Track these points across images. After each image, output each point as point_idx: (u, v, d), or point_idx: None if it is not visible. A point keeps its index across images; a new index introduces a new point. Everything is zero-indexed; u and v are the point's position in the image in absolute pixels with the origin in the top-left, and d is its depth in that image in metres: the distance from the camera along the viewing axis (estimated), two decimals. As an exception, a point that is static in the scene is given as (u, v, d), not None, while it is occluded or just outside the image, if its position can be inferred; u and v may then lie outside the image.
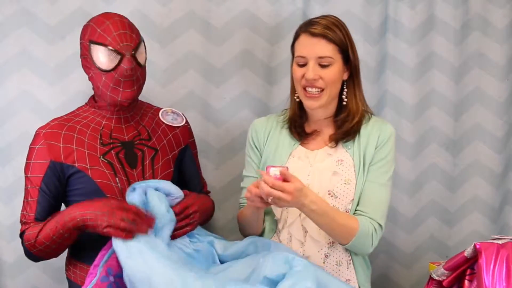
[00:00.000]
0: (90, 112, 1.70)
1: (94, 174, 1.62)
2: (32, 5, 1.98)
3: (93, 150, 1.64)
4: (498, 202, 2.33)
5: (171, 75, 2.09)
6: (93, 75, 1.63)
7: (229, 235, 2.14)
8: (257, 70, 2.14)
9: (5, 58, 1.98)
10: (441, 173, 2.28)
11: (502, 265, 1.32)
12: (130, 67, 1.58)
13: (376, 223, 1.63)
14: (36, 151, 1.62)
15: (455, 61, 2.26)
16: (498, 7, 2.27)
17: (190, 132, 1.86)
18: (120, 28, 1.60)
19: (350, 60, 1.67)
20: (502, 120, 2.30)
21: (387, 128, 1.71)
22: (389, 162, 1.69)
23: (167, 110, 1.83)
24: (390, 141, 1.70)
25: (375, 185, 1.66)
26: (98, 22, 1.62)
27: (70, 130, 1.65)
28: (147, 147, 1.71)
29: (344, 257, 1.68)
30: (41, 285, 2.04)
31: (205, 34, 2.10)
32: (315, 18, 1.68)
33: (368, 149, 1.68)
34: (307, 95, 1.65)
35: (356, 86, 1.70)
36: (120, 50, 1.58)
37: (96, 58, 1.59)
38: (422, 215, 2.28)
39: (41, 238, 1.55)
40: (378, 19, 2.19)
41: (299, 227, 1.67)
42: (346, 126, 1.69)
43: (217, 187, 2.13)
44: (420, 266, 2.27)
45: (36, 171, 1.62)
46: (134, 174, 1.66)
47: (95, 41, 1.59)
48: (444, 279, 1.45)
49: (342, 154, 1.70)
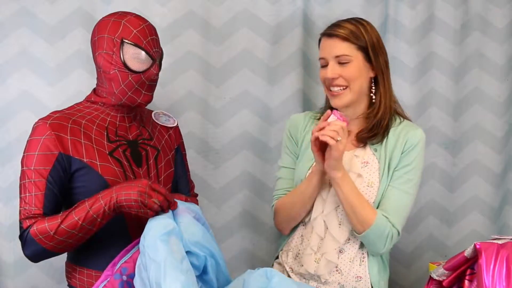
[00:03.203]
0: (93, 108, 1.68)
1: (103, 171, 1.59)
2: (32, 5, 1.98)
3: (101, 146, 1.62)
4: (497, 202, 2.33)
5: (170, 75, 2.09)
6: (116, 72, 1.60)
7: (229, 236, 2.14)
8: (257, 70, 2.14)
9: (5, 58, 1.97)
10: (441, 172, 2.28)
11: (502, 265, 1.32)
12: (157, 73, 1.63)
13: (394, 229, 1.64)
14: (42, 141, 1.56)
15: (455, 61, 2.27)
16: (498, 7, 2.28)
17: (180, 134, 1.87)
18: (153, 34, 1.63)
19: (370, 58, 1.68)
20: (502, 120, 2.30)
21: (416, 134, 1.70)
22: (414, 169, 1.68)
23: (158, 112, 1.84)
24: (418, 147, 1.69)
25: (398, 191, 1.66)
26: (133, 23, 1.61)
27: (75, 124, 1.62)
28: (150, 146, 1.71)
29: (358, 254, 1.70)
30: (41, 285, 2.03)
31: (205, 34, 2.10)
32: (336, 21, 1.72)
33: (395, 153, 1.68)
34: (331, 94, 1.69)
35: (382, 83, 1.71)
36: (153, 55, 1.61)
37: (128, 58, 1.59)
38: (422, 215, 2.29)
39: (65, 227, 1.48)
40: (378, 19, 2.19)
41: (321, 223, 1.70)
42: (371, 122, 1.70)
43: (216, 187, 2.13)
44: (420, 266, 2.28)
45: (42, 163, 1.55)
46: (140, 172, 1.66)
47: (130, 41, 1.59)
48: (444, 279, 1.45)
49: (368, 156, 1.71)
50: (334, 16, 1.82)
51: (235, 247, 2.17)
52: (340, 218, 1.69)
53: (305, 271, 1.72)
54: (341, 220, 1.69)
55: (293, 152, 1.82)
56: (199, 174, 2.11)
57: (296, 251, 1.76)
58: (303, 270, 1.72)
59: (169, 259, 1.34)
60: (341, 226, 1.69)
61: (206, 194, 2.12)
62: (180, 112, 2.09)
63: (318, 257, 1.70)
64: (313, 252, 1.70)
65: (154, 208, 1.45)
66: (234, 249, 2.16)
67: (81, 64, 1.99)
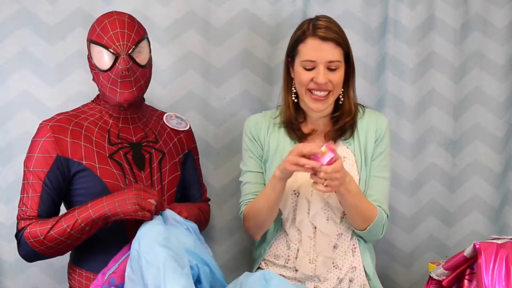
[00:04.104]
0: (97, 110, 1.67)
1: (102, 173, 1.58)
2: (32, 5, 1.98)
3: (102, 148, 1.61)
4: (497, 202, 2.33)
5: (171, 75, 2.09)
6: (94, 75, 1.62)
7: (229, 236, 2.14)
8: (257, 70, 2.14)
9: (5, 58, 1.98)
10: (441, 173, 2.28)
11: (502, 265, 1.32)
12: (125, 67, 1.55)
13: (385, 214, 1.71)
14: (41, 143, 1.57)
15: (455, 61, 2.26)
16: (498, 7, 2.27)
17: (193, 138, 1.86)
18: (118, 27, 1.58)
19: (349, 62, 1.69)
20: (502, 120, 2.30)
21: (383, 121, 1.77)
22: (387, 153, 1.76)
23: (171, 114, 1.82)
24: (387, 134, 1.76)
25: (379, 179, 1.73)
26: (98, 21, 1.61)
27: (77, 126, 1.62)
28: (154, 149, 1.69)
29: (349, 245, 1.73)
30: (41, 285, 2.03)
31: (205, 34, 2.10)
32: (317, 20, 1.68)
33: (368, 144, 1.72)
34: (313, 97, 1.66)
35: (351, 85, 1.74)
36: (115, 49, 1.56)
37: (95, 58, 1.59)
38: (422, 215, 2.28)
39: (54, 234, 1.49)
40: (377, 19, 2.19)
41: (308, 224, 1.69)
42: (340, 124, 1.72)
43: (217, 187, 2.13)
44: (420, 266, 2.27)
45: (40, 165, 1.57)
46: (142, 176, 1.64)
47: (94, 40, 1.59)
48: (444, 278, 1.45)
49: (343, 151, 1.72)
50: (334, 16, 1.81)
51: (235, 247, 2.16)
52: (327, 214, 1.69)
53: (301, 274, 1.70)
54: (328, 215, 1.70)
55: (256, 155, 1.79)
56: (199, 174, 2.11)
57: (285, 258, 1.74)
58: (299, 275, 1.70)
59: (169, 262, 1.34)
60: (329, 221, 1.69)
61: (206, 194, 2.12)
62: (180, 112, 2.08)
63: (313, 257, 1.69)
64: (306, 254, 1.70)
65: (152, 208, 1.45)
66: (234, 249, 2.16)
67: (81, 64, 1.99)
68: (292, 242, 1.72)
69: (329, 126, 1.75)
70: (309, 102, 1.68)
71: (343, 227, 1.72)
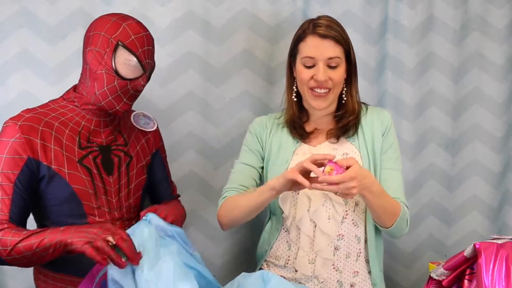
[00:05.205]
0: (68, 109, 1.61)
1: (71, 179, 1.54)
2: (32, 5, 1.98)
3: (71, 153, 1.57)
4: (497, 202, 2.34)
5: (170, 75, 2.09)
6: (103, 73, 1.55)
7: (229, 235, 2.14)
8: (257, 70, 2.14)
9: (5, 58, 1.97)
10: (440, 172, 2.29)
11: (502, 265, 1.32)
12: (144, 84, 1.58)
13: (406, 207, 1.70)
14: (10, 144, 1.49)
15: (455, 61, 2.27)
16: (498, 7, 2.28)
17: (160, 136, 1.83)
18: (150, 44, 1.59)
19: (351, 60, 1.70)
20: (501, 120, 2.30)
21: (386, 115, 1.77)
22: (396, 145, 1.76)
23: (138, 113, 1.78)
24: (392, 126, 1.76)
25: (393, 171, 1.72)
26: (133, 28, 1.56)
27: (47, 126, 1.56)
28: (123, 152, 1.67)
29: (354, 249, 1.71)
30: (41, 285, 2.03)
31: (205, 34, 2.10)
32: (318, 19, 1.69)
33: (376, 138, 1.72)
34: (314, 95, 1.67)
35: (354, 84, 1.74)
36: (145, 66, 1.57)
37: (120, 62, 1.54)
38: (421, 215, 2.29)
39: (22, 247, 1.43)
40: (378, 19, 2.19)
41: (307, 222, 1.68)
42: (344, 122, 1.72)
43: (216, 187, 2.12)
44: (420, 266, 2.28)
45: (10, 167, 1.49)
46: (111, 180, 1.62)
47: (126, 45, 1.54)
48: (444, 278, 1.45)
49: (347, 148, 1.73)
50: (334, 16, 1.81)
51: (235, 247, 2.16)
52: (329, 212, 1.68)
53: (301, 275, 1.70)
54: (329, 214, 1.68)
55: (255, 151, 1.79)
56: (199, 174, 2.11)
57: (285, 258, 1.74)
58: (299, 275, 1.70)
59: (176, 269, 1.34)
60: (331, 220, 1.68)
61: (206, 194, 2.11)
62: (180, 112, 2.09)
63: (312, 257, 1.69)
64: (306, 254, 1.69)
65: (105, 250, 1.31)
66: (234, 249, 2.16)
67: (81, 64, 1.98)
68: (292, 241, 1.72)
69: (332, 124, 1.76)
70: (310, 100, 1.69)
71: (345, 229, 1.69)
